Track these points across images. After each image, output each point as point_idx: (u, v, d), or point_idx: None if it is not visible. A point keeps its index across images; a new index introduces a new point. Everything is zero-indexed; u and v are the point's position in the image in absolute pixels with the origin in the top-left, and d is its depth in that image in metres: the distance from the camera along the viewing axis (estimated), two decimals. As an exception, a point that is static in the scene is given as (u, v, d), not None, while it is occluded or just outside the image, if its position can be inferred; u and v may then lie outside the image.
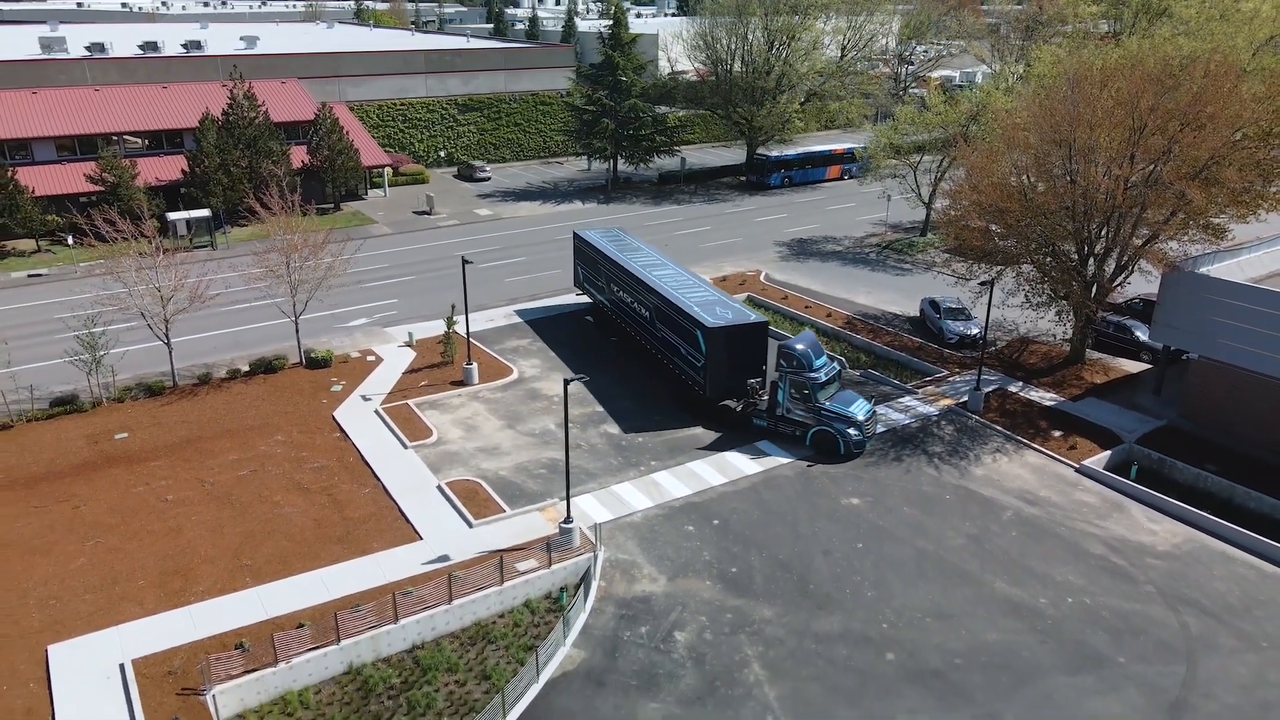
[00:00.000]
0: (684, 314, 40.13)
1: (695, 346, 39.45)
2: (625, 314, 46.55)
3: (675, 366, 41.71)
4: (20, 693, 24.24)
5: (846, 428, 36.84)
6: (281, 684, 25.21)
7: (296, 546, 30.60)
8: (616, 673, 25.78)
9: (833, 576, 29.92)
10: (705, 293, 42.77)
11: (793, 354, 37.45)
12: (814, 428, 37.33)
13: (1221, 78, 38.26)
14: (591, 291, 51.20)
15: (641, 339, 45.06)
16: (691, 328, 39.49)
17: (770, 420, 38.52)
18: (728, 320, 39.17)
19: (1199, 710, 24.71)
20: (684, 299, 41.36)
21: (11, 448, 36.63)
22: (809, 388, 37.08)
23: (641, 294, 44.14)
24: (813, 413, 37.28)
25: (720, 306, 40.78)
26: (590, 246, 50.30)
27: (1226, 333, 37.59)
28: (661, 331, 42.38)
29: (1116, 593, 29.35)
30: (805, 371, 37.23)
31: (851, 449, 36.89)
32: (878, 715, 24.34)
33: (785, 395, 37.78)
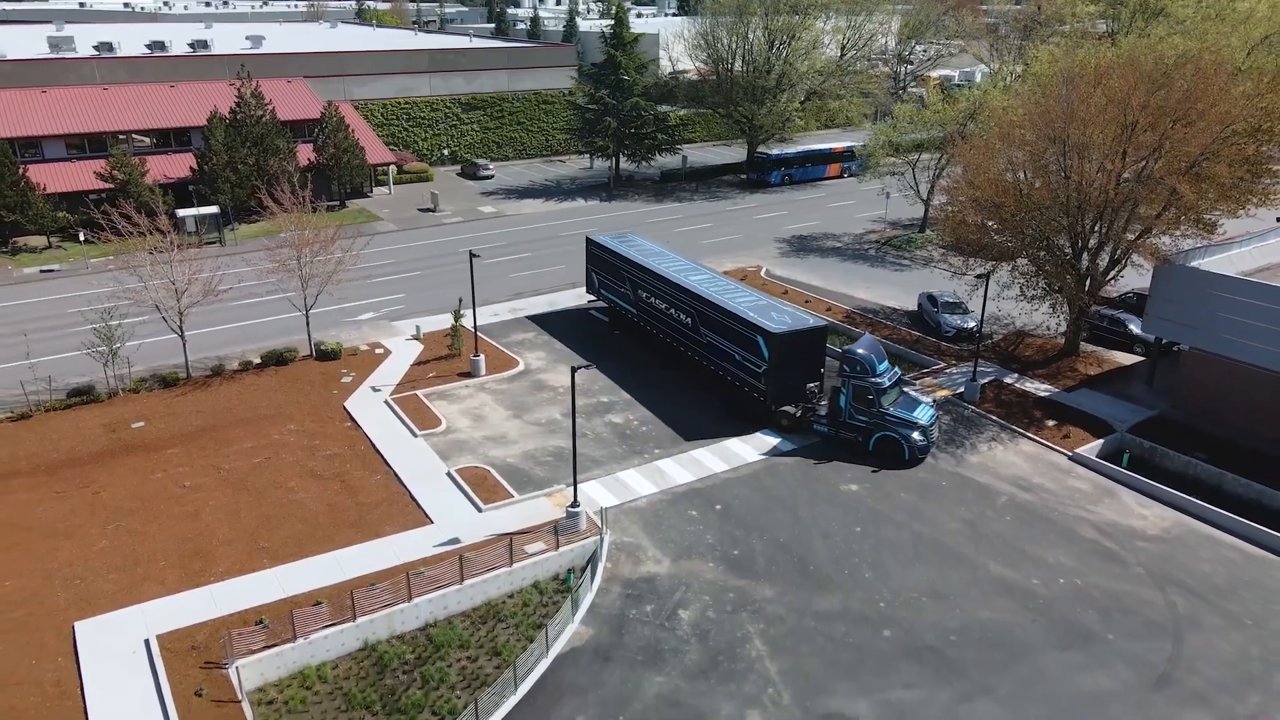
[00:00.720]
0: (741, 320, 39.41)
1: (754, 352, 38.79)
2: (657, 320, 45.58)
3: (727, 373, 40.80)
4: (49, 666, 25.20)
5: (911, 433, 36.40)
6: (300, 659, 26.16)
7: (311, 530, 31.56)
8: (623, 648, 26.73)
9: (832, 558, 30.87)
10: (753, 297, 42.37)
11: (856, 359, 37.12)
12: (877, 433, 36.86)
13: (1212, 76, 39.19)
14: (611, 297, 50.00)
15: (680, 345, 44.03)
16: (751, 334, 38.79)
17: (831, 426, 38.18)
18: (789, 325, 38.61)
19: (1184, 684, 25.65)
20: (736, 305, 40.69)
21: (32, 436, 37.59)
22: (873, 393, 36.56)
23: (681, 300, 43.25)
24: (876, 418, 36.77)
25: (775, 311, 40.35)
26: (610, 252, 49.34)
27: (1217, 325, 38.52)
28: (708, 337, 41.63)
29: (1107, 574, 30.30)
30: (869, 377, 36.79)
31: (916, 454, 36.49)
32: (875, 688, 25.28)
33: (848, 401, 37.29)
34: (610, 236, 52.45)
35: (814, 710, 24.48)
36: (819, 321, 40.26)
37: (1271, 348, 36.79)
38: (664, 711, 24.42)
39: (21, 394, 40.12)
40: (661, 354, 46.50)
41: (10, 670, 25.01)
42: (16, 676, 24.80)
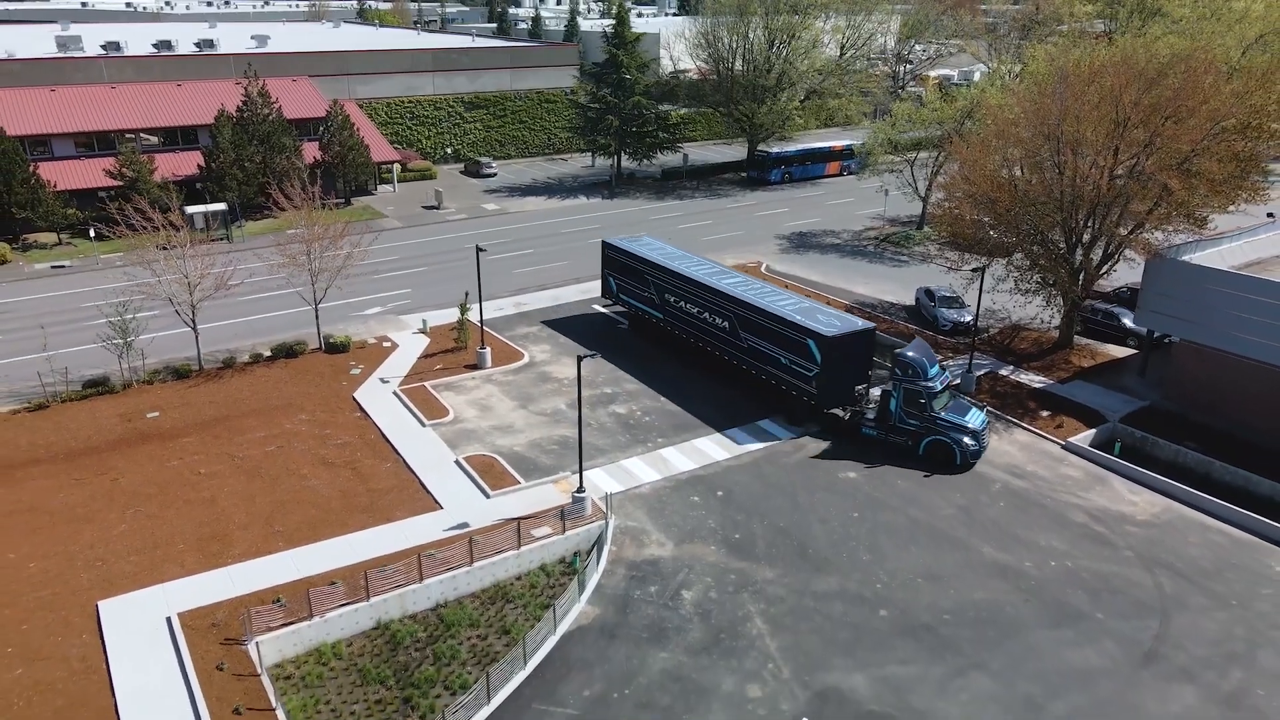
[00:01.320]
0: (789, 323, 39.18)
1: (804, 356, 38.58)
2: (688, 325, 45.17)
3: (771, 376, 40.60)
4: (75, 643, 26.11)
5: (963, 438, 36.17)
6: (316, 636, 27.08)
7: (324, 515, 32.48)
8: (628, 626, 27.64)
9: (830, 542, 31.79)
10: (794, 300, 42.35)
11: (908, 363, 36.96)
12: (928, 437, 36.68)
13: (1202, 74, 40.10)
14: (632, 302, 49.17)
15: (716, 350, 43.68)
16: (801, 337, 38.58)
17: (881, 429, 38.01)
18: (840, 328, 38.56)
19: (1170, 660, 26.57)
20: (781, 308, 40.52)
21: (49, 426, 38.51)
22: (925, 397, 36.39)
23: (716, 304, 42.98)
24: (927, 422, 36.61)
25: (821, 314, 40.34)
26: (631, 256, 48.63)
27: (1207, 317, 39.41)
28: (750, 341, 41.38)
29: (1097, 557, 31.21)
30: (921, 380, 36.61)
31: (968, 459, 36.29)
32: (871, 664, 26.20)
33: (899, 404, 37.10)
34: (627, 239, 51.80)
35: (812, 685, 25.39)
36: (867, 324, 40.09)
37: (1261, 340, 37.68)
38: (668, 686, 25.33)
39: (39, 385, 41.04)
40: (665, 347, 47.42)
41: (37, 647, 25.93)
42: (44, 652, 25.71)
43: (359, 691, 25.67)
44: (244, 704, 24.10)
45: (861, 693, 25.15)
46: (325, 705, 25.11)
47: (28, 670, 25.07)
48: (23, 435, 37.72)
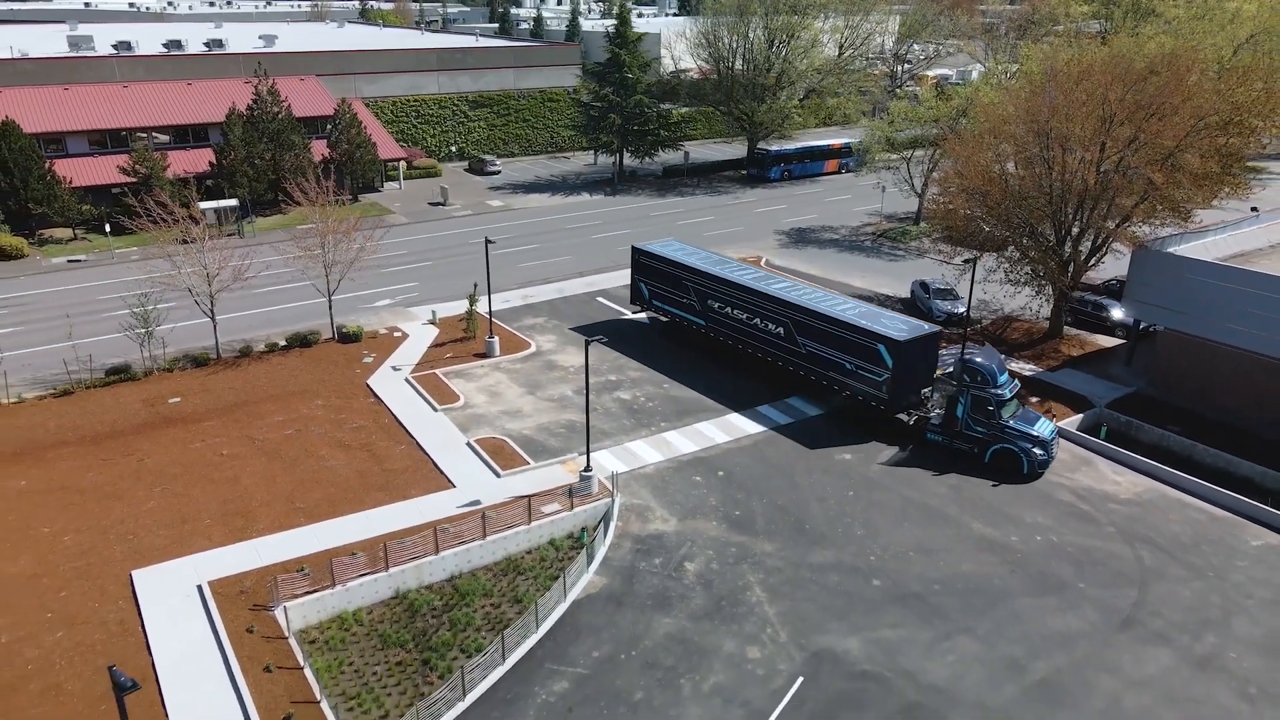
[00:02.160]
0: (855, 329, 39.03)
1: (874, 360, 38.40)
2: (736, 331, 44.68)
3: (834, 382, 40.47)
4: (111, 608, 27.61)
5: (1032, 447, 35.72)
6: (339, 604, 28.55)
7: (343, 493, 33.96)
8: (634, 595, 29.14)
9: (826, 519, 33.28)
10: (852, 304, 42.30)
11: (977, 369, 36.67)
12: (995, 445, 36.27)
13: (1185, 72, 41.62)
14: (669, 309, 48.37)
15: (768, 356, 43.28)
16: (870, 342, 38.40)
17: (946, 435, 37.74)
18: (908, 333, 38.49)
19: (1147, 626, 28.06)
20: (843, 313, 40.38)
21: (75, 411, 40.00)
22: (993, 404, 36.07)
23: (770, 310, 42.66)
24: (995, 430, 36.24)
25: (885, 318, 40.28)
26: (666, 261, 47.88)
27: (1190, 306, 40.92)
28: (809, 347, 41.08)
29: (1081, 532, 32.71)
30: (989, 387, 36.27)
31: (1035, 469, 35.82)
32: (864, 628, 27.69)
33: (965, 411, 36.85)
34: (659, 244, 50.93)
35: (808, 647, 26.88)
36: (933, 328, 40.27)
37: (1242, 328, 39.18)
38: (672, 648, 26.82)
39: (63, 373, 42.53)
40: (670, 337, 48.90)
41: (76, 612, 27.42)
42: (82, 617, 27.21)
43: (380, 654, 27.16)
44: (274, 663, 25.59)
45: (854, 654, 26.64)
46: (349, 666, 26.58)
47: (68, 633, 26.57)
48: (50, 419, 39.22)
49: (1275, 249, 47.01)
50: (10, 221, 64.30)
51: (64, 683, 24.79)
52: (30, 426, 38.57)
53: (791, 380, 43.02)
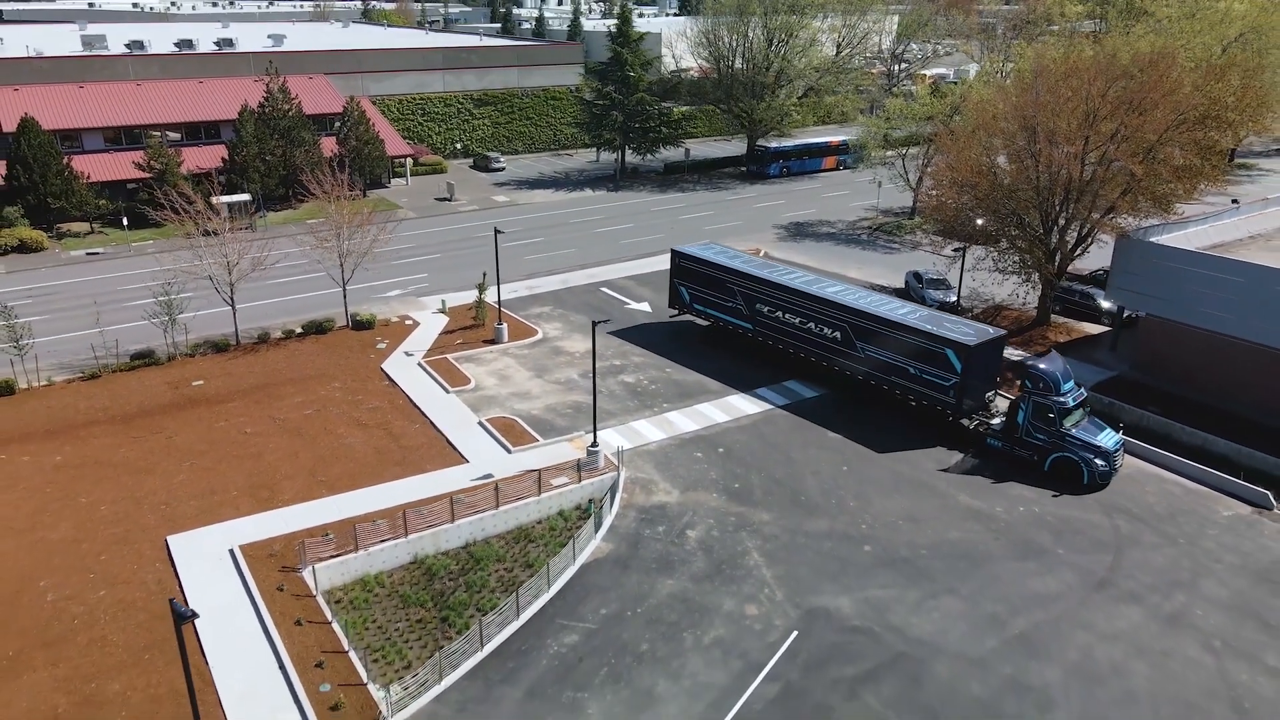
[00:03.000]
0: (921, 333, 38.76)
1: (942, 365, 38.21)
2: (788, 336, 44.27)
3: (896, 386, 40.33)
4: (149, 570, 29.44)
5: (1094, 457, 35.11)
6: (361, 568, 30.36)
7: (362, 468, 35.79)
8: (639, 559, 30.96)
9: (821, 491, 35.11)
10: (910, 307, 41.96)
11: (1039, 375, 36.18)
12: (1055, 454, 35.75)
13: (1165, 69, 43.43)
14: (712, 313, 47.95)
15: (825, 360, 42.93)
16: (938, 347, 38.14)
17: (1006, 441, 37.22)
18: (977, 337, 38.16)
19: (1120, 587, 29.88)
20: (906, 318, 40.07)
21: (104, 393, 41.83)
22: (1054, 411, 35.57)
23: (825, 314, 42.29)
24: (1055, 438, 35.67)
25: (948, 321, 39.98)
26: (710, 265, 47.35)
27: (1171, 293, 42.69)
28: (869, 352, 40.83)
29: (1062, 504, 34.53)
30: (1052, 395, 35.81)
31: (1096, 480, 35.20)
32: (855, 589, 29.50)
33: (1026, 418, 36.32)
34: (699, 246, 50.43)
35: (803, 605, 28.69)
36: (999, 331, 40.05)
37: (1219, 313, 40.96)
38: (675, 605, 28.64)
39: (90, 358, 44.33)
40: (671, 325, 50.69)
41: (117, 573, 29.25)
42: (123, 578, 29.04)
43: (401, 613, 28.98)
44: (304, 617, 27.43)
45: (846, 611, 28.45)
46: (372, 623, 28.40)
47: (110, 592, 28.40)
48: (80, 400, 41.05)
49: (1254, 239, 48.79)
50: (30, 215, 66.12)
51: (109, 635, 26.63)
52: (62, 407, 40.41)
53: (797, 366, 44.55)
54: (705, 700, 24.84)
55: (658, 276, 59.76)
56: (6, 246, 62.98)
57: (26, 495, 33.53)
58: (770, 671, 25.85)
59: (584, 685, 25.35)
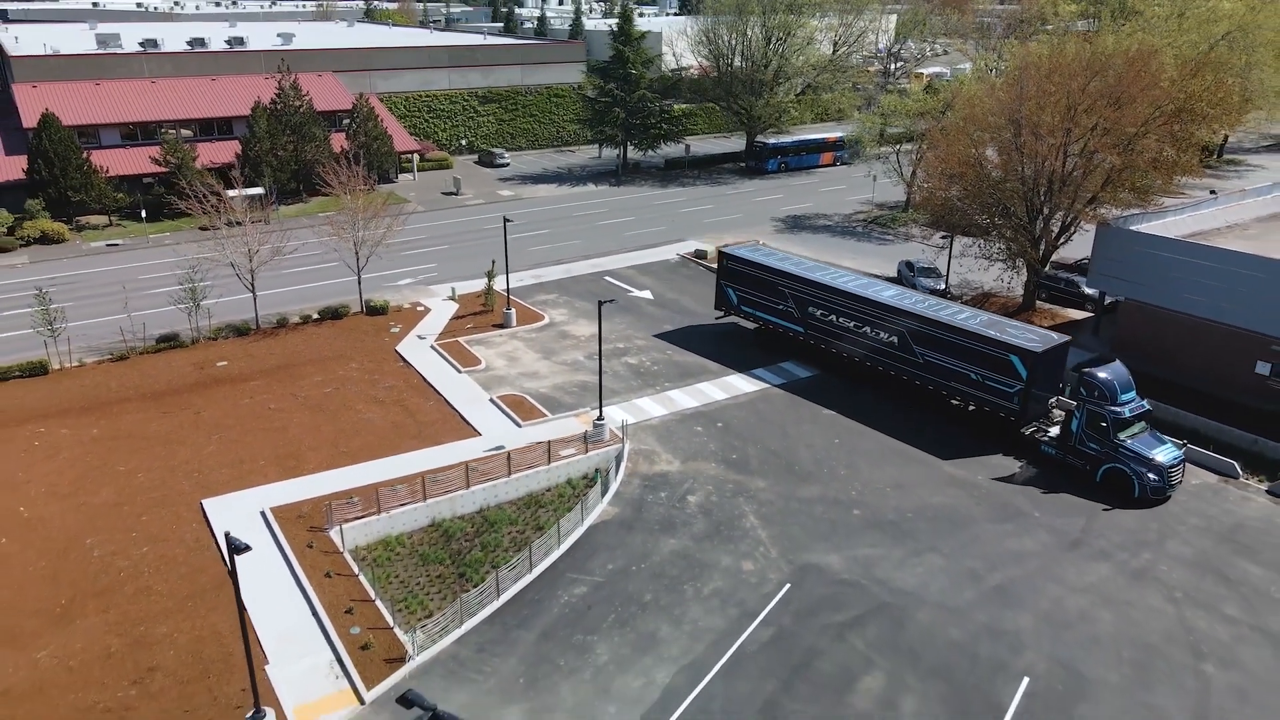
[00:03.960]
0: (983, 339, 38.24)
1: (1005, 372, 37.62)
2: (842, 340, 43.85)
3: (956, 392, 39.93)
4: (187, 530, 31.62)
5: (1146, 471, 34.13)
6: (383, 529, 32.53)
7: (381, 440, 37.96)
8: (643, 521, 33.12)
9: (814, 461, 37.28)
10: (970, 312, 41.39)
11: (1095, 383, 35.52)
12: (1107, 464, 35.09)
13: (1142, 65, 45.60)
14: (761, 315, 47.55)
15: (880, 365, 42.58)
16: (1001, 353, 37.60)
17: (1060, 449, 36.75)
18: (1039, 343, 37.60)
19: (1091, 546, 32.04)
20: (967, 322, 39.56)
21: (133, 373, 43.99)
22: (1107, 421, 34.95)
23: (882, 319, 41.85)
24: (1108, 449, 35.01)
25: (1011, 328, 39.31)
26: (761, 268, 46.96)
27: (1148, 278, 44.85)
28: (927, 357, 40.37)
29: (1040, 473, 36.65)
30: (1107, 404, 35.14)
31: (1147, 494, 34.21)
32: (844, 548, 31.67)
33: (1080, 426, 35.82)
34: (748, 248, 50.29)
35: (795, 561, 30.86)
36: (1062, 337, 38.99)
37: (1194, 296, 43.11)
38: (676, 562, 30.80)
39: (118, 340, 46.49)
40: (671, 308, 52.80)
41: (157, 533, 31.42)
42: (163, 536, 31.22)
43: (421, 570, 31.15)
44: (332, 570, 29.59)
45: (835, 567, 30.61)
46: (395, 579, 30.56)
47: (152, 548, 30.58)
48: (111, 380, 43.22)
49: (1231, 229, 50.92)
50: (50, 208, 68.22)
51: (153, 586, 28.81)
52: (94, 386, 42.57)
53: (798, 350, 45.96)
54: (704, 642, 27.00)
55: (659, 266, 62.06)
56: (29, 238, 65.14)
57: (68, 464, 35.72)
58: (764, 618, 28.01)
59: (593, 629, 27.52)
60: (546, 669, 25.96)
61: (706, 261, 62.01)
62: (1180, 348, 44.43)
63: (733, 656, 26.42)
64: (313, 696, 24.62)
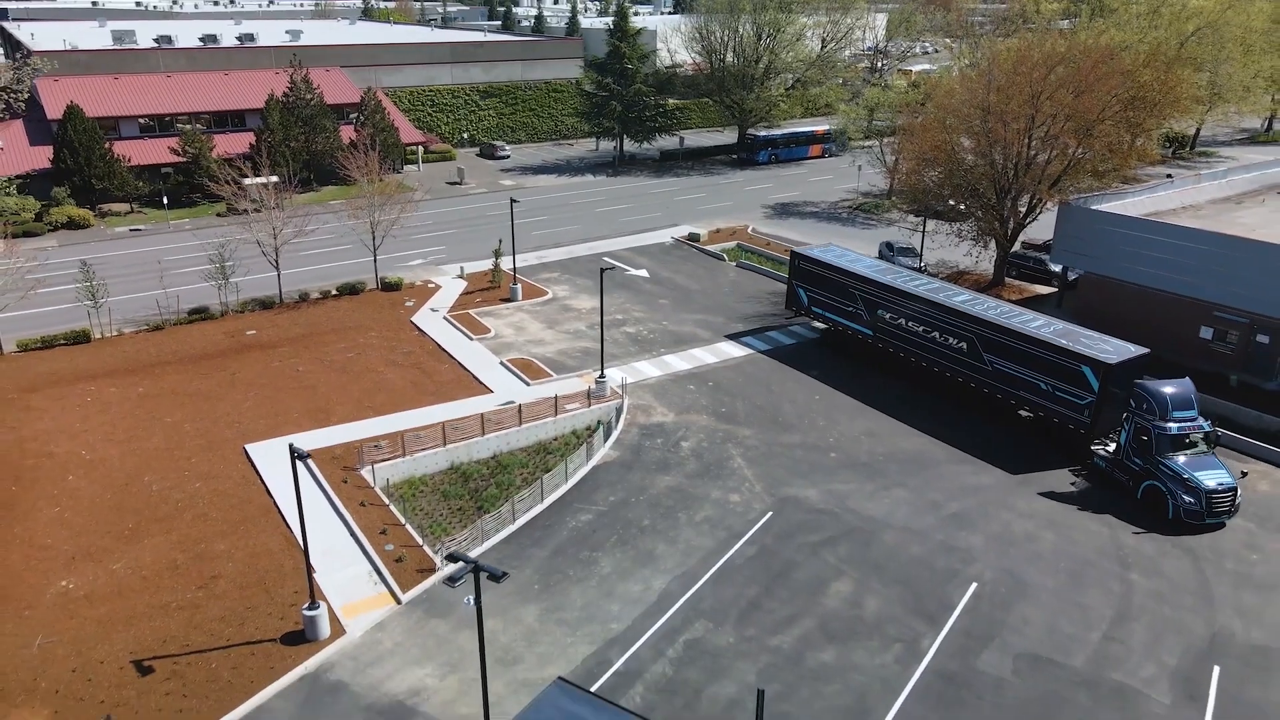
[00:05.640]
0: (1055, 348, 37.18)
1: (1075, 383, 36.47)
2: (911, 344, 43.33)
3: (1025, 402, 38.96)
4: (234, 468, 35.36)
5: (1183, 493, 32.42)
6: (408, 470, 36.27)
7: (401, 397, 41.70)
8: (641, 463, 36.91)
9: (795, 414, 41.11)
10: (1044, 320, 40.22)
11: (1145, 395, 34.11)
12: (1146, 481, 33.62)
13: (1100, 57, 49.52)
14: (831, 317, 47.34)
15: (948, 371, 41.96)
16: (1073, 364, 36.41)
17: (1109, 462, 35.63)
18: (1118, 355, 36.23)
19: (1041, 483, 35.87)
20: (1040, 330, 38.52)
21: (170, 341, 47.67)
22: (1150, 435, 33.52)
23: (952, 324, 41.10)
24: (1150, 465, 33.54)
25: (1085, 337, 37.99)
26: (831, 269, 46.71)
27: (1105, 253, 48.73)
28: (997, 365, 39.42)
29: (1005, 425, 40.50)
30: (1155, 419, 33.61)
31: (1182, 516, 32.51)
32: (821, 483, 35.49)
33: (1127, 439, 34.56)
34: (818, 249, 49.85)
35: (777, 494, 34.67)
36: (1140, 349, 36.93)
37: (1146, 269, 46.98)
38: (671, 495, 34.59)
39: (153, 313, 50.15)
40: (665, 285, 56.58)
41: (207, 471, 35.14)
42: (213, 474, 34.94)
43: (443, 504, 34.92)
44: (366, 501, 33.34)
45: (813, 498, 34.44)
46: (420, 511, 34.32)
47: (204, 484, 34.31)
48: (150, 347, 46.88)
49: (1186, 209, 54.86)
50: (75, 196, 71.79)
51: (209, 513, 32.54)
52: (134, 352, 46.23)
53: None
54: (696, 557, 30.80)
55: (655, 249, 65.86)
56: (56, 223, 68.67)
57: (120, 417, 39.40)
58: (749, 539, 31.82)
59: (598, 547, 31.31)
60: (558, 578, 29.74)
61: (700, 244, 65.78)
62: (1134, 316, 48.18)
63: (720, 568, 30.22)
64: (355, 598, 28.36)
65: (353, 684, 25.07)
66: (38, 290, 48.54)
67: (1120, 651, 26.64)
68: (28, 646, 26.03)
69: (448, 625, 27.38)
